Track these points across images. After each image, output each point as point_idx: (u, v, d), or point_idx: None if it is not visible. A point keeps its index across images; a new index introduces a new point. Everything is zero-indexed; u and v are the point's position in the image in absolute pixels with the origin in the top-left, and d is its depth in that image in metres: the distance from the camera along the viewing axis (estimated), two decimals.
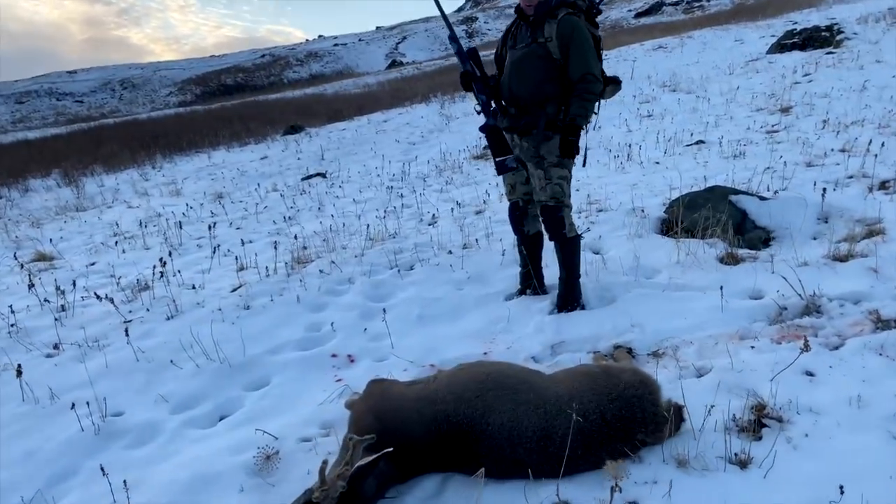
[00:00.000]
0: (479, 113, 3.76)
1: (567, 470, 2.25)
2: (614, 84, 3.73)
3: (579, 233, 3.82)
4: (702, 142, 8.03)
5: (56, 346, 3.87)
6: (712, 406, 2.49)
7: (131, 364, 3.59)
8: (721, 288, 3.47)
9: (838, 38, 14.90)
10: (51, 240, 6.93)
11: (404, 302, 4.10)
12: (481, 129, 3.70)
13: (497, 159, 3.70)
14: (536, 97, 3.58)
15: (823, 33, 15.43)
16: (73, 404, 3.01)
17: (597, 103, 3.62)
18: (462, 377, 2.53)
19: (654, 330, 3.38)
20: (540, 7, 3.55)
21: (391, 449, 2.21)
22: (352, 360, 3.50)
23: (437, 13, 3.75)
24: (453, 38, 3.66)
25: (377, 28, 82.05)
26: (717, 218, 4.49)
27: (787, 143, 7.01)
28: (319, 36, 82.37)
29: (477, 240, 5.04)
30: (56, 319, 4.27)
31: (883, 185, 4.97)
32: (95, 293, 4.29)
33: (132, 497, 2.43)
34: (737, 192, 4.86)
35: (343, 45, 73.89)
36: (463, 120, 13.48)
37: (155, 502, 2.47)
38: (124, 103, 63.20)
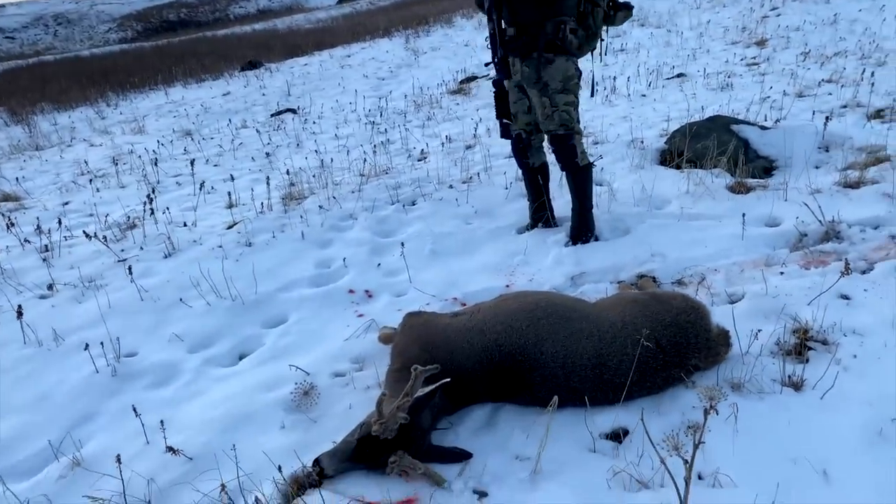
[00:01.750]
0: (488, 66, 3.70)
1: (624, 397, 2.22)
2: (626, 10, 3.60)
3: (591, 160, 3.74)
4: (682, 74, 7.97)
5: (50, 287, 3.67)
6: (759, 331, 2.49)
7: (136, 303, 3.43)
8: (743, 215, 3.45)
9: None
10: (17, 179, 6.54)
11: (414, 237, 3.99)
12: (494, 83, 3.67)
13: (503, 121, 3.72)
14: (536, 14, 3.38)
15: None
16: (87, 345, 2.86)
17: (604, 30, 3.54)
18: (510, 307, 2.47)
19: (675, 259, 3.35)
20: None
21: (449, 380, 2.14)
22: (370, 296, 3.40)
23: None
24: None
25: None
26: (721, 148, 4.46)
27: (772, 74, 7.01)
28: None
29: (478, 174, 4.92)
30: (44, 260, 4.04)
31: (878, 114, 5.00)
32: (84, 231, 4.06)
33: (167, 437, 2.33)
34: (738, 121, 4.83)
35: None
36: (431, 55, 13.13)
37: (193, 441, 2.37)
38: (60, 40, 59.87)
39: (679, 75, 7.98)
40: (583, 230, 3.71)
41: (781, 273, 3.04)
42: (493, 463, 2.08)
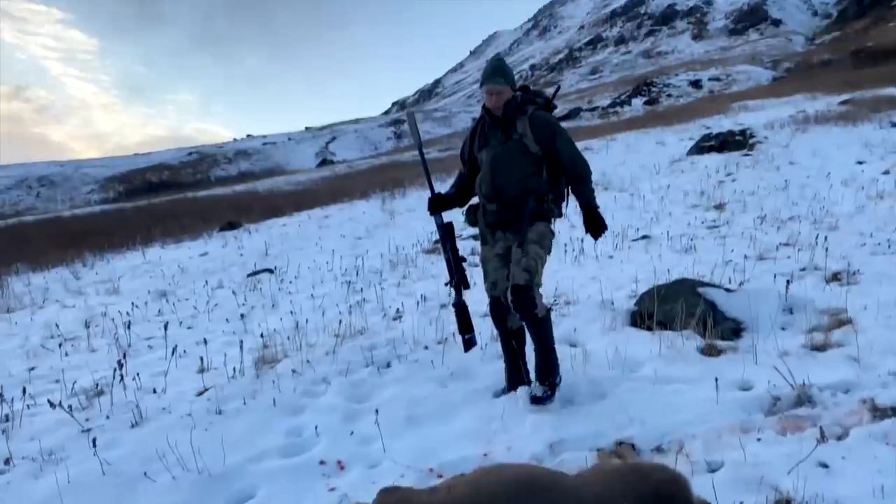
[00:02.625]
0: (447, 286, 3.90)
1: None
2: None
3: (548, 307, 3.86)
4: (647, 237, 8.32)
5: (7, 462, 3.49)
6: (741, 503, 2.44)
7: (97, 478, 3.26)
8: (716, 379, 3.48)
9: (751, 141, 16.07)
10: None
11: (388, 402, 3.93)
12: (454, 305, 3.85)
13: (466, 336, 3.83)
14: (520, 191, 3.70)
15: (738, 137, 16.62)
16: None
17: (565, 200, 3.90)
18: (488, 482, 2.40)
19: (654, 425, 3.33)
20: (508, 106, 3.74)
21: None
22: (342, 467, 3.29)
23: (366, 115, 3.97)
24: (439, 226, 3.85)
25: (307, 128, 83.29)
26: (690, 310, 4.58)
27: (732, 237, 7.35)
28: (248, 135, 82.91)
29: (453, 334, 4.95)
30: (2, 432, 3.88)
31: (835, 277, 5.22)
32: (49, 400, 3.93)
33: None
34: (703, 284, 5.00)
35: (272, 143, 74.51)
36: (407, 215, 13.59)
37: None
38: (42, 201, 61.18)
39: (644, 237, 8.32)
40: (547, 372, 3.75)
41: (759, 439, 3.03)
42: None
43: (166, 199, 30.35)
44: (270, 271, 9.50)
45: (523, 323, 3.92)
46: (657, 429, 3.30)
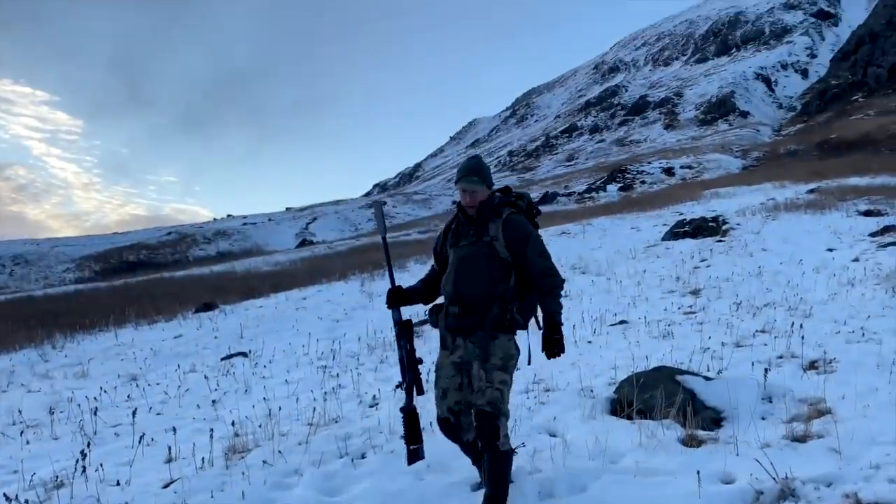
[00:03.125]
0: (398, 388, 3.66)
1: None
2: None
3: (514, 447, 3.61)
4: (625, 321, 8.35)
5: None
6: None
7: None
8: (698, 472, 3.42)
9: (724, 227, 16.43)
10: None
11: (362, 495, 3.81)
12: (402, 409, 3.56)
13: (411, 447, 3.55)
14: (485, 296, 3.50)
15: (710, 223, 16.99)
16: None
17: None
18: None
19: None
20: (483, 206, 3.58)
21: None
22: None
23: (347, 196, 3.79)
24: (396, 327, 3.65)
25: (287, 209, 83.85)
26: (669, 399, 4.55)
27: (709, 323, 7.39)
28: (228, 215, 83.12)
29: (430, 423, 4.83)
30: None
31: (812, 365, 5.25)
32: (4, 494, 3.74)
33: None
34: (682, 372, 4.99)
35: (252, 224, 74.63)
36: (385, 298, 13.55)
37: None
38: (14, 279, 60.13)
39: (622, 321, 8.35)
40: None
41: None
42: None
43: (142, 279, 29.99)
44: (245, 355, 9.34)
45: None
46: None
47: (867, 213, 15.51)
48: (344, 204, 79.81)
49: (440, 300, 3.76)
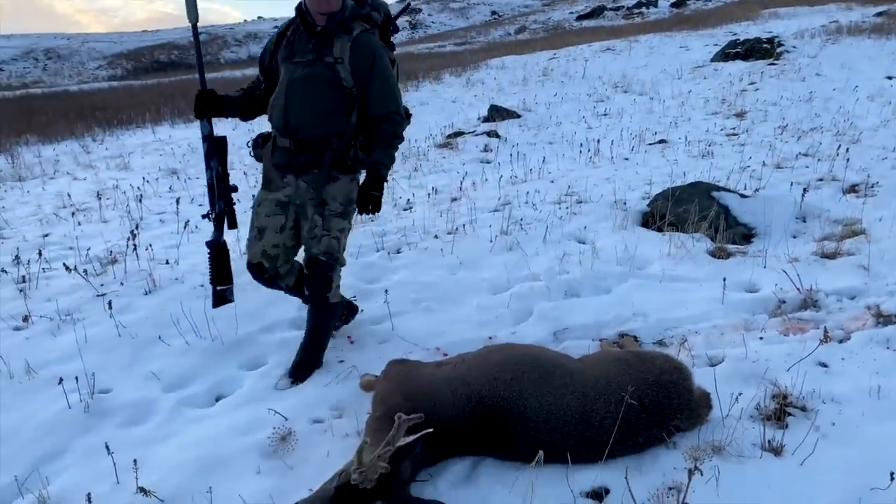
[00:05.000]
0: (205, 218, 3.02)
1: (606, 455, 2.22)
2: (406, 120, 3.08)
3: (341, 301, 3.26)
4: (664, 141, 8.18)
5: (25, 319, 3.60)
6: (739, 394, 2.50)
7: (113, 339, 3.37)
8: (724, 280, 3.51)
9: (778, 50, 15.48)
10: None
11: (398, 285, 3.99)
12: (208, 244, 2.95)
13: (217, 288, 2.97)
14: (321, 130, 2.90)
15: (765, 45, 16.00)
16: (61, 379, 2.80)
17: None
18: (495, 358, 2.47)
19: (657, 319, 3.39)
20: (332, 18, 2.82)
21: (432, 430, 2.12)
22: (351, 342, 3.39)
23: None
24: (206, 136, 2.96)
25: None
26: (702, 213, 4.56)
27: (751, 145, 7.22)
28: (259, 17, 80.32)
29: (464, 225, 4.97)
30: (20, 291, 3.97)
31: (853, 189, 5.16)
32: (65, 264, 4.01)
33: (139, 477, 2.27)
34: (718, 188, 4.96)
35: None
36: (420, 109, 13.32)
37: (165, 483, 2.31)
38: (49, 74, 60.06)
39: (661, 141, 8.18)
40: (306, 367, 3.07)
41: (761, 338, 3.09)
42: None
43: (175, 80, 29.76)
44: None
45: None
46: (660, 323, 3.36)
47: None
48: None
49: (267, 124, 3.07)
